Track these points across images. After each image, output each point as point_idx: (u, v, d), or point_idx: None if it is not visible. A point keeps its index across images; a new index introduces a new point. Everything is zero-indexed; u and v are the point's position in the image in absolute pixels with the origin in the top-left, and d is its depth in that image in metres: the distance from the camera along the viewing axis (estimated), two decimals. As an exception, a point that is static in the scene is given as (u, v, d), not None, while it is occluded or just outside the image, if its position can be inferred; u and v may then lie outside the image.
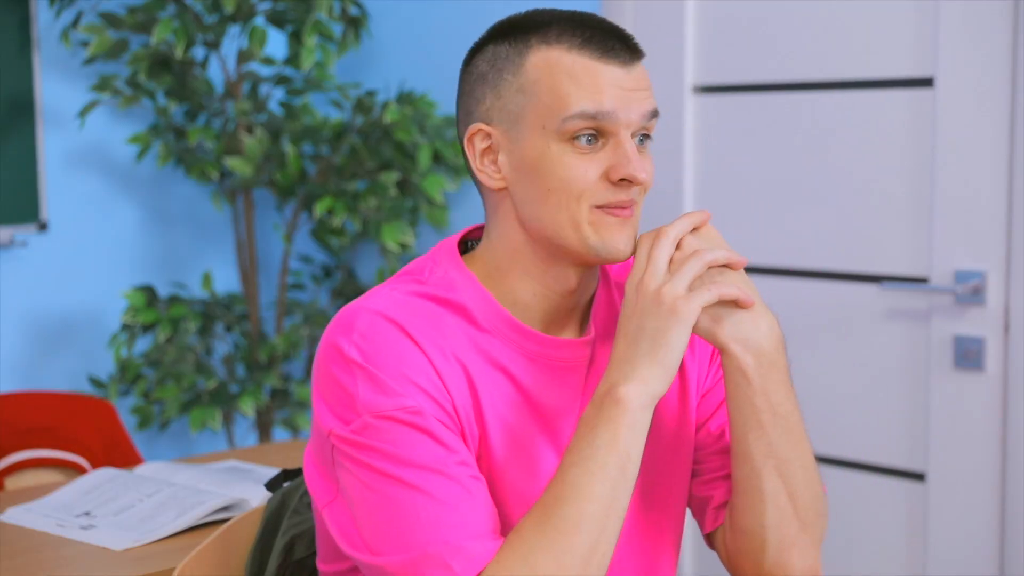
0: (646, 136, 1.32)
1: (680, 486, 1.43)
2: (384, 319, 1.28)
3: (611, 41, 1.29)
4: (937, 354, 2.50)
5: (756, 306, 1.29)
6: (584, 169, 1.28)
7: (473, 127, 1.33)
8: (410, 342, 1.28)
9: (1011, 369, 2.41)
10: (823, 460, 2.70)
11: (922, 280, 2.54)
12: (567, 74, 1.28)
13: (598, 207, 1.29)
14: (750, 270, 2.78)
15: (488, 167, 1.33)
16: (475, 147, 1.33)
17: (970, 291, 2.44)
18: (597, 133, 1.29)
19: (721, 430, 1.44)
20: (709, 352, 1.47)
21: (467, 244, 1.41)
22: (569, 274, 1.34)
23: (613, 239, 1.30)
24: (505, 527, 1.30)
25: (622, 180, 1.28)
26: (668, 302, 1.24)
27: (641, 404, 1.23)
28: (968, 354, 2.45)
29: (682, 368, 1.43)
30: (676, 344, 1.24)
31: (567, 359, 1.35)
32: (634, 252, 1.31)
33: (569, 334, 1.38)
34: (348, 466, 1.26)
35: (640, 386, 1.23)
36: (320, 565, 1.40)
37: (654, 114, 1.31)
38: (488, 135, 1.32)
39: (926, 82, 2.50)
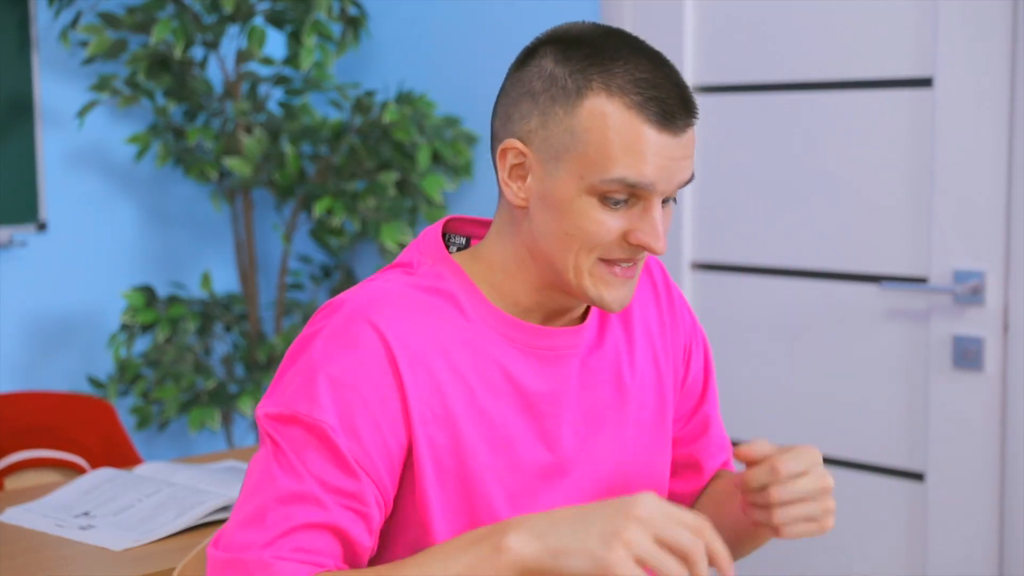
0: (672, 198, 1.32)
1: (661, 474, 1.48)
2: (366, 323, 1.29)
3: (673, 105, 1.26)
4: (936, 354, 2.50)
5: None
6: (608, 226, 1.28)
7: (510, 142, 1.31)
8: (380, 351, 1.28)
9: (1010, 369, 2.41)
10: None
11: (921, 280, 2.54)
12: (619, 135, 1.26)
13: (604, 260, 1.30)
14: (754, 271, 2.79)
15: (515, 183, 1.32)
16: (507, 160, 1.32)
17: (969, 291, 2.44)
18: (629, 195, 1.28)
19: (689, 418, 1.52)
20: (681, 348, 1.51)
21: (447, 237, 1.43)
22: (568, 296, 1.36)
23: (610, 295, 1.31)
24: (492, 513, 1.32)
25: (639, 245, 1.28)
26: (615, 546, 1.15)
27: (515, 567, 1.18)
28: (967, 354, 2.45)
29: (655, 359, 1.47)
30: (577, 570, 1.16)
31: (556, 348, 1.37)
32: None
33: (568, 324, 1.40)
34: (260, 445, 1.31)
35: (532, 553, 1.17)
36: None
37: (689, 180, 1.31)
38: (522, 154, 1.31)
39: (925, 82, 2.50)
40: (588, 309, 1.42)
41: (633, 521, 1.15)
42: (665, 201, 1.31)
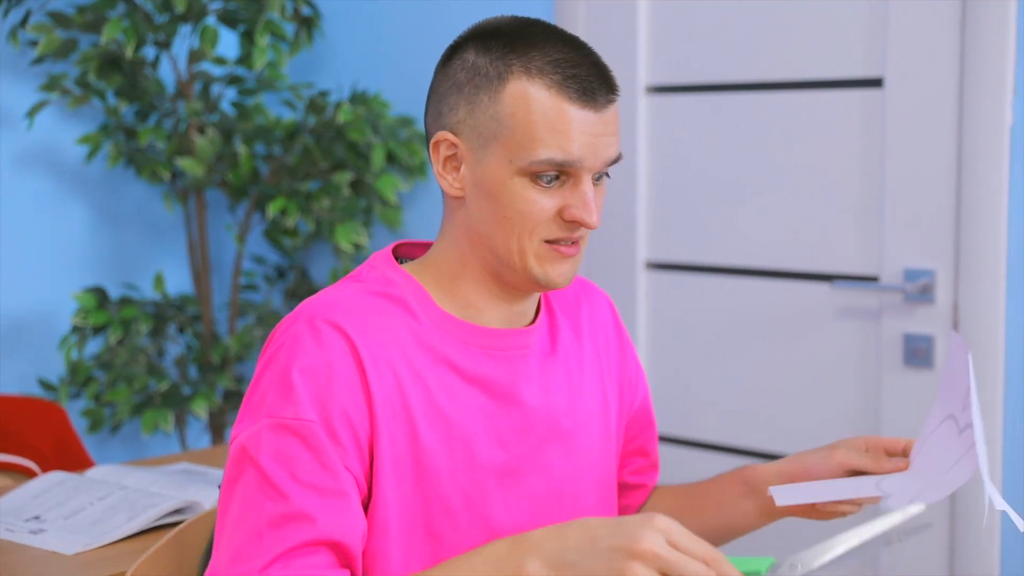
0: (606, 175, 1.35)
1: (609, 486, 1.49)
2: (327, 323, 1.30)
3: (591, 82, 1.30)
4: (888, 352, 2.52)
5: None
6: (541, 205, 1.31)
7: (441, 134, 1.34)
8: (345, 348, 1.29)
9: (960, 366, 2.43)
10: (778, 457, 2.72)
11: (872, 279, 2.57)
12: (542, 116, 1.29)
13: (547, 242, 1.32)
14: (707, 270, 2.80)
15: (449, 175, 1.35)
16: (440, 153, 1.35)
17: (919, 289, 2.47)
18: (559, 173, 1.31)
19: (639, 445, 1.57)
20: (629, 379, 1.54)
21: (399, 260, 1.45)
22: (515, 290, 1.38)
23: (555, 272, 1.34)
24: (446, 509, 1.33)
25: (574, 221, 1.31)
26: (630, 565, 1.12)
27: None
28: (917, 352, 2.48)
29: (601, 376, 1.50)
30: None
31: (508, 348, 1.39)
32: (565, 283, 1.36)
33: (519, 326, 1.42)
34: (231, 474, 1.28)
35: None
36: None
37: (617, 160, 1.34)
38: (454, 145, 1.34)
39: (876, 83, 2.53)
40: (538, 312, 1.43)
41: (639, 548, 1.11)
42: (598, 178, 1.34)
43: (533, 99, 1.29)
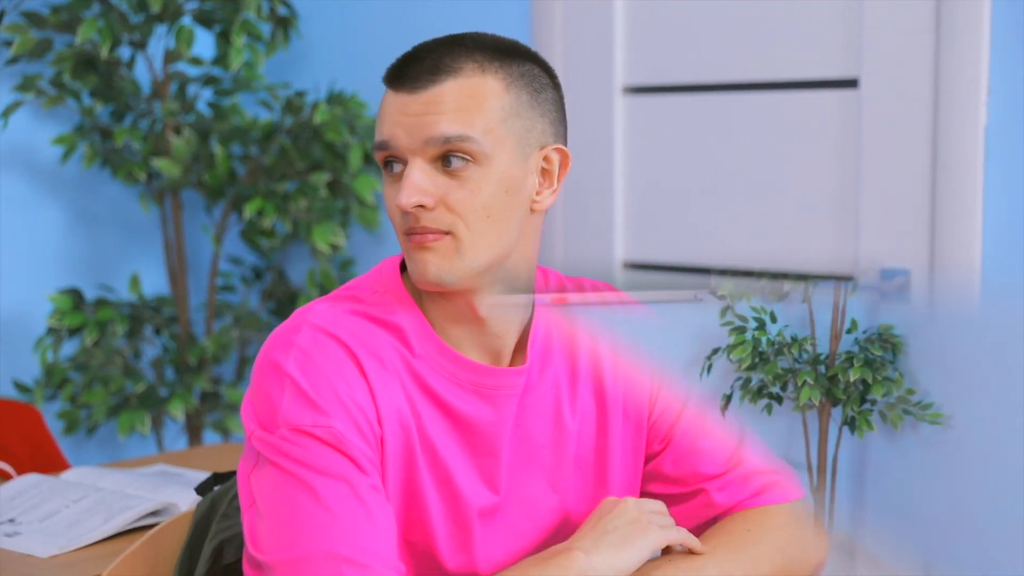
0: (460, 159, 1.29)
1: None
2: (326, 335, 1.30)
3: (410, 66, 1.30)
4: (864, 351, 2.53)
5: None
6: (389, 196, 1.32)
7: None
8: (349, 358, 1.30)
9: (935, 366, 2.45)
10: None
11: (848, 279, 2.58)
12: (380, 108, 1.32)
13: (405, 234, 1.32)
14: (683, 270, 2.81)
15: None
16: None
17: (895, 289, 2.48)
18: (395, 160, 1.31)
19: (674, 464, 1.48)
20: (647, 386, 1.48)
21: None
22: (458, 302, 1.35)
23: (415, 266, 1.31)
24: (428, 547, 1.32)
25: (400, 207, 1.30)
26: (645, 521, 1.33)
27: (588, 574, 1.27)
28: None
29: (600, 392, 1.44)
30: (638, 552, 1.31)
31: (498, 387, 1.36)
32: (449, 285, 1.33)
33: (508, 363, 1.39)
34: (262, 466, 1.28)
35: (597, 561, 1.28)
36: (245, 568, 1.40)
37: (447, 139, 1.28)
38: None
39: (851, 83, 2.54)
40: (525, 349, 1.39)
41: (642, 508, 1.33)
42: (448, 164, 1.29)
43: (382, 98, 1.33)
